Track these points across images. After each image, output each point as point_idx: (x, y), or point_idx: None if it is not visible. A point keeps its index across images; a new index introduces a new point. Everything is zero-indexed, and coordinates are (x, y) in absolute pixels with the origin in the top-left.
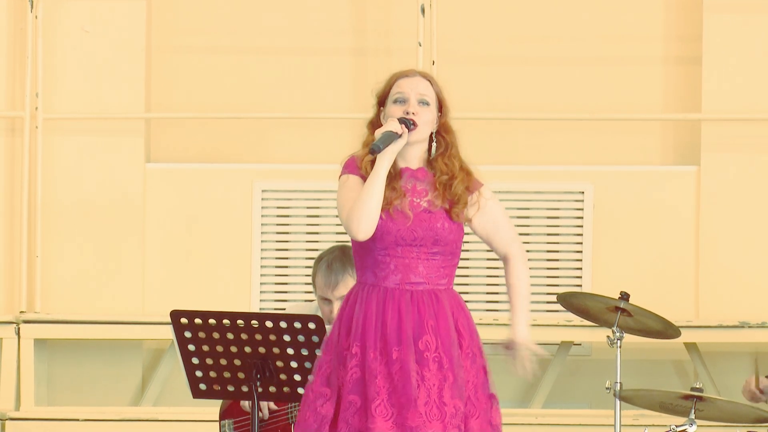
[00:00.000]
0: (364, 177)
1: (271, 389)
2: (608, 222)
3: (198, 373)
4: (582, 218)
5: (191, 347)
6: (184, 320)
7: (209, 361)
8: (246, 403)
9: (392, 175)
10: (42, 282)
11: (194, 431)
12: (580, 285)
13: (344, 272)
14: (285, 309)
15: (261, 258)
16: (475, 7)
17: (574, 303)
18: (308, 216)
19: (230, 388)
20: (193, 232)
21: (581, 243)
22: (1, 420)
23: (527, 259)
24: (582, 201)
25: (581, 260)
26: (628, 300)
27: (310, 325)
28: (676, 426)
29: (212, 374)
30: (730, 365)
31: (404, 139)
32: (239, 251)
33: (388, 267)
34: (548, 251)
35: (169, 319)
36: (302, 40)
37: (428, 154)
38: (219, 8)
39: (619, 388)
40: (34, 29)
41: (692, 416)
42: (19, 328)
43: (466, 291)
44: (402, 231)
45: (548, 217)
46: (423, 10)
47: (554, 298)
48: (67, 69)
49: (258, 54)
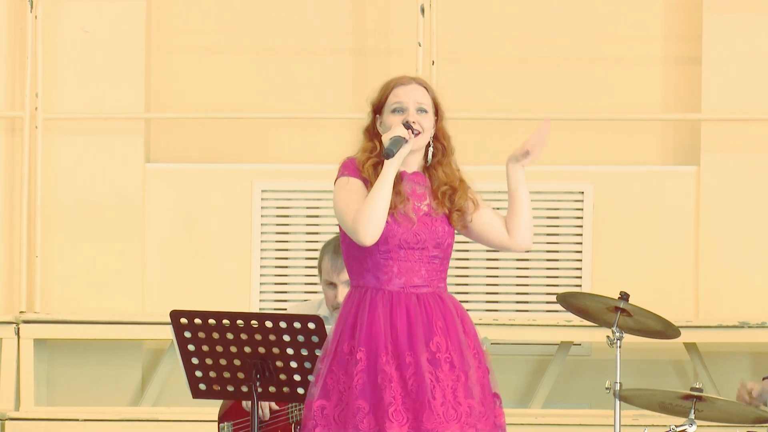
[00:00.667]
0: (366, 181)
1: (271, 389)
2: (608, 222)
3: (198, 373)
4: (582, 218)
5: (191, 347)
6: (184, 320)
7: (209, 361)
8: (247, 403)
9: (395, 179)
10: (42, 282)
11: (194, 431)
12: (580, 285)
13: None
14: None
15: (261, 258)
16: (475, 7)
17: (574, 303)
18: (308, 216)
19: (230, 388)
20: (193, 232)
21: (581, 243)
22: (1, 420)
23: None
24: (582, 201)
25: (581, 260)
26: (628, 300)
27: (310, 325)
28: (676, 426)
29: (212, 374)
30: (730, 365)
31: (411, 144)
32: (239, 251)
33: (391, 270)
34: (548, 251)
35: (169, 319)
36: (302, 40)
37: (424, 160)
38: (219, 8)
39: (619, 388)
40: (34, 29)
41: (692, 416)
42: (19, 328)
43: (466, 291)
44: (406, 234)
45: (548, 217)
46: (423, 10)
47: (554, 298)
48: (67, 69)
49: (258, 54)
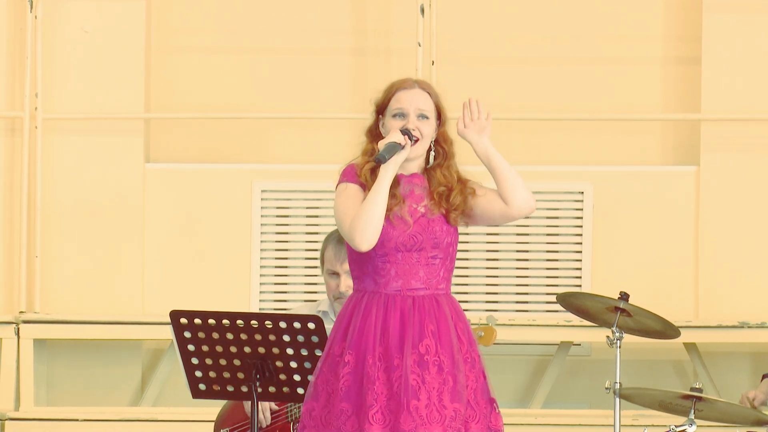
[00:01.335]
0: (364, 185)
1: (271, 389)
2: (608, 222)
3: (198, 373)
4: (582, 218)
5: (191, 347)
6: (184, 320)
7: (209, 361)
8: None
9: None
10: (42, 282)
11: (194, 431)
12: (580, 285)
13: None
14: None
15: (261, 258)
16: (475, 7)
17: (574, 303)
18: (308, 216)
19: (230, 388)
20: (193, 232)
21: (581, 243)
22: (1, 420)
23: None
24: (582, 201)
25: (581, 260)
26: (628, 300)
27: (310, 325)
28: (676, 426)
29: (212, 374)
30: (730, 365)
31: (407, 151)
32: (239, 251)
33: (389, 273)
34: (548, 251)
35: (169, 319)
36: (302, 40)
37: (425, 163)
38: (219, 8)
39: (619, 388)
40: (34, 29)
41: (692, 416)
42: (19, 328)
43: (466, 291)
44: (402, 237)
45: (548, 217)
46: (423, 10)
47: (554, 298)
48: (67, 69)
49: (258, 54)
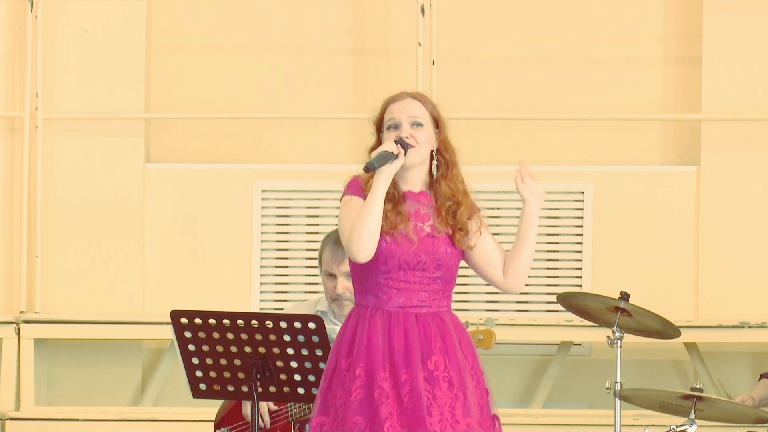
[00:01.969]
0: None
1: (271, 389)
2: (608, 222)
3: (198, 373)
4: (582, 218)
5: (191, 347)
6: (184, 320)
7: (209, 361)
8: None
9: (396, 199)
10: (42, 282)
11: (194, 431)
12: (580, 285)
13: None
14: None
15: (261, 258)
16: (475, 7)
17: (574, 303)
18: (308, 216)
19: (230, 388)
20: (193, 232)
21: (581, 243)
22: (1, 420)
23: None
24: (582, 201)
25: (581, 260)
26: (628, 300)
27: (310, 325)
28: (676, 426)
29: (212, 374)
30: (730, 365)
31: (401, 160)
32: (239, 251)
33: (391, 290)
34: (548, 251)
35: (169, 319)
36: (302, 40)
37: (430, 176)
38: (219, 8)
39: (619, 388)
40: (34, 29)
41: (692, 416)
42: (19, 328)
43: (466, 291)
44: (406, 255)
45: (548, 217)
46: (423, 10)
47: (554, 298)
48: (67, 69)
49: (258, 54)
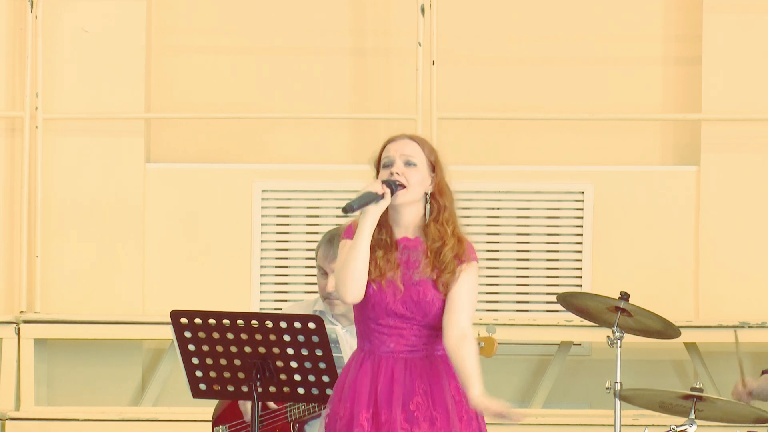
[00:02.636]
0: None
1: (271, 389)
2: (608, 222)
3: (198, 373)
4: (582, 218)
5: (191, 347)
6: (184, 320)
7: (209, 361)
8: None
9: (388, 245)
10: (42, 282)
11: (194, 431)
12: (580, 285)
13: None
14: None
15: (261, 258)
16: (475, 7)
17: (574, 303)
18: (308, 216)
19: (230, 388)
20: (193, 232)
21: (581, 243)
22: (1, 420)
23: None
24: (582, 201)
25: (581, 260)
26: (628, 300)
27: (310, 325)
28: (676, 426)
29: (212, 374)
30: (730, 365)
31: (387, 200)
32: (239, 251)
33: (382, 335)
34: (548, 251)
35: (169, 319)
36: (302, 40)
37: (423, 219)
38: (219, 8)
39: (619, 388)
40: (34, 29)
41: (692, 416)
42: (19, 328)
43: None
44: (392, 304)
45: (548, 217)
46: (423, 10)
47: (554, 298)
48: (67, 69)
49: (258, 54)
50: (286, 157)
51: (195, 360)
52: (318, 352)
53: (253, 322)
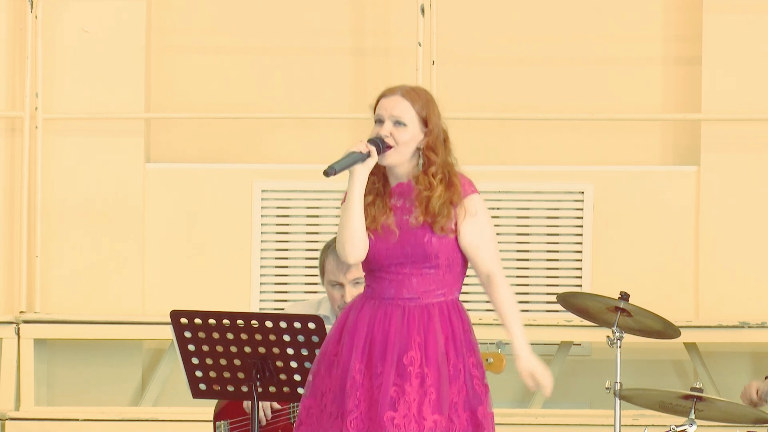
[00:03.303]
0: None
1: (271, 389)
2: (608, 222)
3: (198, 373)
4: (582, 218)
5: (191, 347)
6: (184, 320)
7: (209, 361)
8: (247, 404)
9: (381, 193)
10: (42, 282)
11: (194, 431)
12: (580, 285)
13: None
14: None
15: (261, 258)
16: (475, 7)
17: (574, 303)
18: (308, 216)
19: (230, 388)
20: (193, 232)
21: (581, 243)
22: (1, 420)
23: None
24: (582, 201)
25: (581, 260)
26: (628, 300)
27: (310, 325)
28: (676, 426)
29: (212, 374)
30: (730, 365)
31: (374, 158)
32: (239, 251)
33: (384, 282)
34: (548, 251)
35: (169, 319)
36: (302, 40)
37: (417, 169)
38: (219, 8)
39: (619, 388)
40: (34, 29)
41: (692, 416)
42: (19, 328)
43: (466, 291)
44: (390, 249)
45: (548, 217)
46: (423, 10)
47: (554, 298)
48: (67, 69)
49: (258, 54)
50: (286, 157)
51: (195, 360)
52: (318, 352)
53: (253, 322)
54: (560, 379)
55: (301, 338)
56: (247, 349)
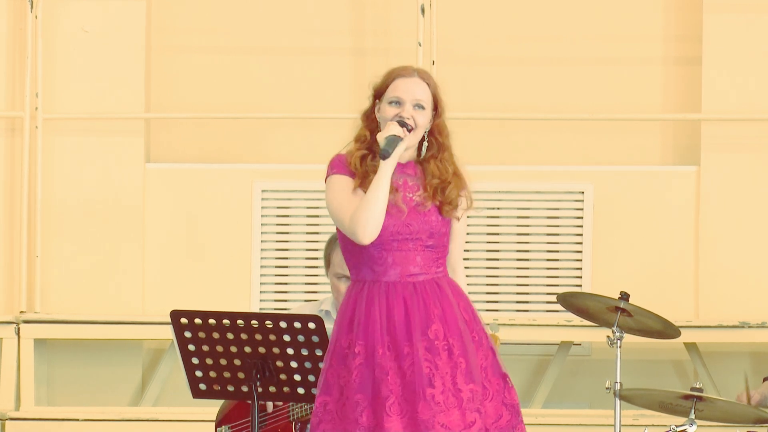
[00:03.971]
0: (354, 174)
1: (271, 389)
2: (608, 222)
3: (198, 373)
4: (582, 218)
5: (191, 347)
6: (184, 320)
7: (209, 361)
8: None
9: None
10: (42, 282)
11: (194, 431)
12: (580, 285)
13: None
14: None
15: (261, 258)
16: (475, 7)
17: (574, 303)
18: (308, 216)
19: (230, 388)
20: (193, 232)
21: (581, 243)
22: (1, 420)
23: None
24: (582, 201)
25: (581, 260)
26: (628, 300)
27: (310, 325)
28: (676, 426)
29: (212, 374)
30: (730, 365)
31: (406, 142)
32: (239, 251)
33: (386, 262)
34: (548, 251)
35: (169, 319)
36: (302, 40)
37: (418, 152)
38: (219, 8)
39: (619, 388)
40: (34, 29)
41: (692, 416)
42: (19, 328)
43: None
44: (398, 225)
45: (548, 217)
46: (423, 10)
47: (554, 298)
48: (67, 69)
49: (258, 54)
50: (286, 157)
51: (195, 360)
52: (318, 352)
53: (253, 322)
54: (560, 379)
55: (301, 338)
56: (247, 349)
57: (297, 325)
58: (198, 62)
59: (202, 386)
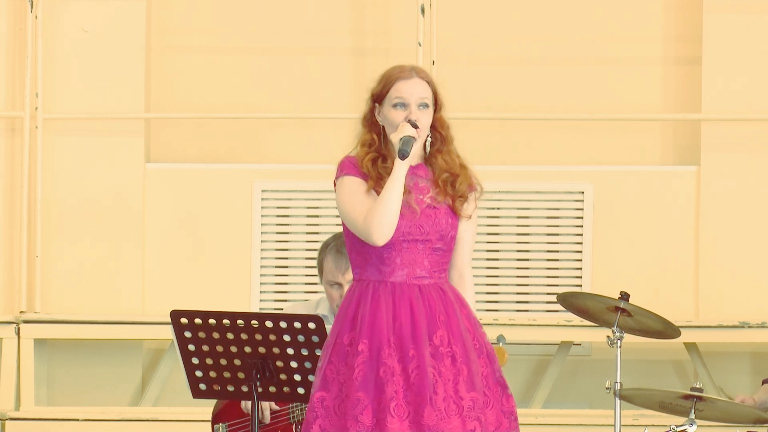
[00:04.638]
0: (366, 177)
1: (271, 389)
2: (608, 222)
3: (198, 373)
4: (582, 218)
5: (191, 347)
6: (184, 320)
7: (209, 361)
8: (246, 405)
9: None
10: (42, 282)
11: (194, 431)
12: (580, 285)
13: None
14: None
15: (261, 258)
16: (475, 7)
17: (574, 303)
18: (308, 216)
19: (230, 388)
20: (193, 232)
21: (581, 243)
22: (1, 420)
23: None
24: (582, 201)
25: (581, 260)
26: (628, 300)
27: (310, 325)
28: (676, 426)
29: (212, 374)
30: (730, 365)
31: (418, 142)
32: (239, 251)
33: (394, 262)
34: (548, 251)
35: (169, 319)
36: (302, 40)
37: (423, 150)
38: (219, 8)
39: (619, 388)
40: (34, 29)
41: (692, 416)
42: (19, 328)
43: None
44: (410, 227)
45: (548, 217)
46: (423, 10)
47: (554, 298)
48: (67, 69)
49: (258, 54)
50: (286, 157)
51: (195, 360)
52: (318, 352)
53: (253, 322)
54: (560, 379)
55: (301, 338)
56: (247, 349)
57: (297, 325)
58: (198, 62)
59: (202, 386)
